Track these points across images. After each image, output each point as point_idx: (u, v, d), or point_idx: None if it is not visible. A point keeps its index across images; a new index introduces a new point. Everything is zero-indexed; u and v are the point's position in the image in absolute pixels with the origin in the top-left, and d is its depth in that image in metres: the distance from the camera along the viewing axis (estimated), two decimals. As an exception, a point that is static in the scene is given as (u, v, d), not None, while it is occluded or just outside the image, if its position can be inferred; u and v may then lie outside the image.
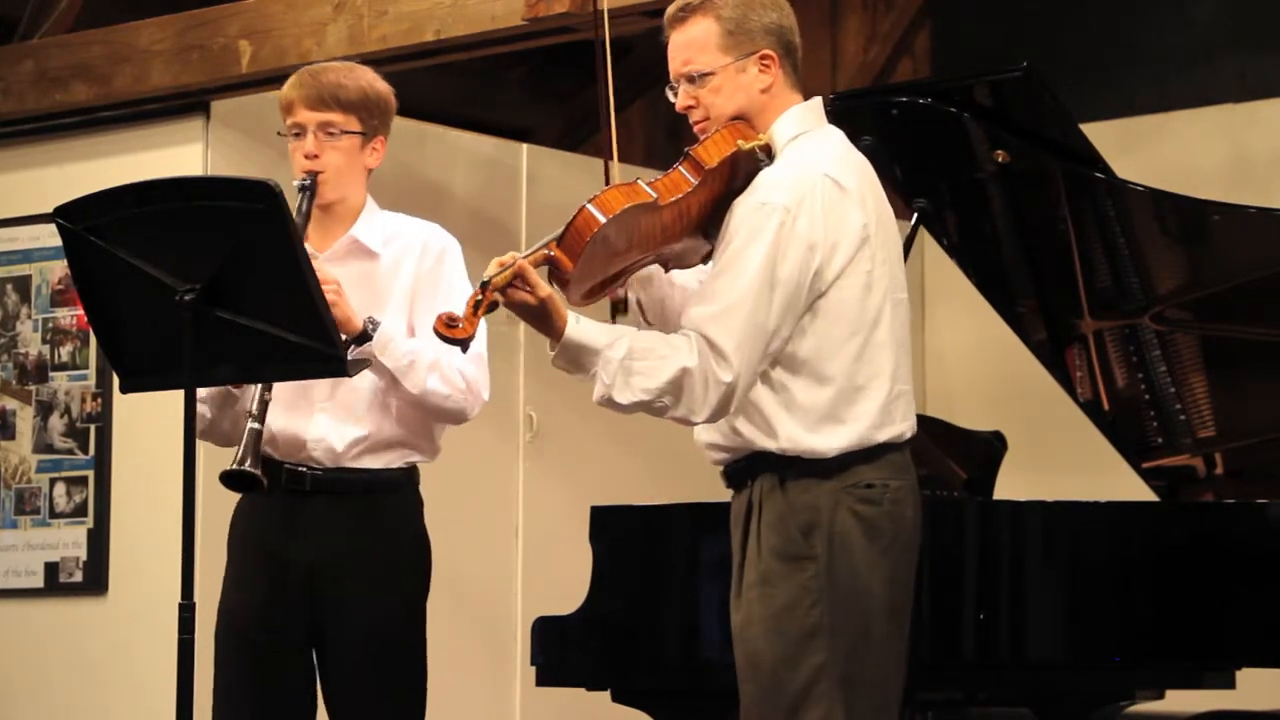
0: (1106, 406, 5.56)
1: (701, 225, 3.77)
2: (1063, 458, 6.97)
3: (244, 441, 4.07)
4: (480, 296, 3.57)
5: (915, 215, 5.39)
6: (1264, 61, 7.46)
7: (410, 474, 4.37)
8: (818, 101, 3.87)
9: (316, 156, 4.28)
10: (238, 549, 4.37)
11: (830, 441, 3.69)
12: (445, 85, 8.06)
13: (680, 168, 3.71)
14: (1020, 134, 5.16)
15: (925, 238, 5.85)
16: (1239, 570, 4.88)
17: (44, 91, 6.80)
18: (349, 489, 4.28)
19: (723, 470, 3.87)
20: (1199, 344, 5.36)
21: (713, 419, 3.68)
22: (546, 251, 3.61)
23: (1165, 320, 5.33)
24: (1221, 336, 5.36)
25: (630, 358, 3.61)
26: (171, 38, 6.53)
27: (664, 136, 8.52)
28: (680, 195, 3.68)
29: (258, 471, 4.07)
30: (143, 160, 6.44)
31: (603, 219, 3.59)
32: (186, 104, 6.53)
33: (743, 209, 3.70)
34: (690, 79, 3.77)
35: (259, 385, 4.11)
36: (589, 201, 3.61)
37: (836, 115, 4.07)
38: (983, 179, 5.30)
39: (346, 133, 4.31)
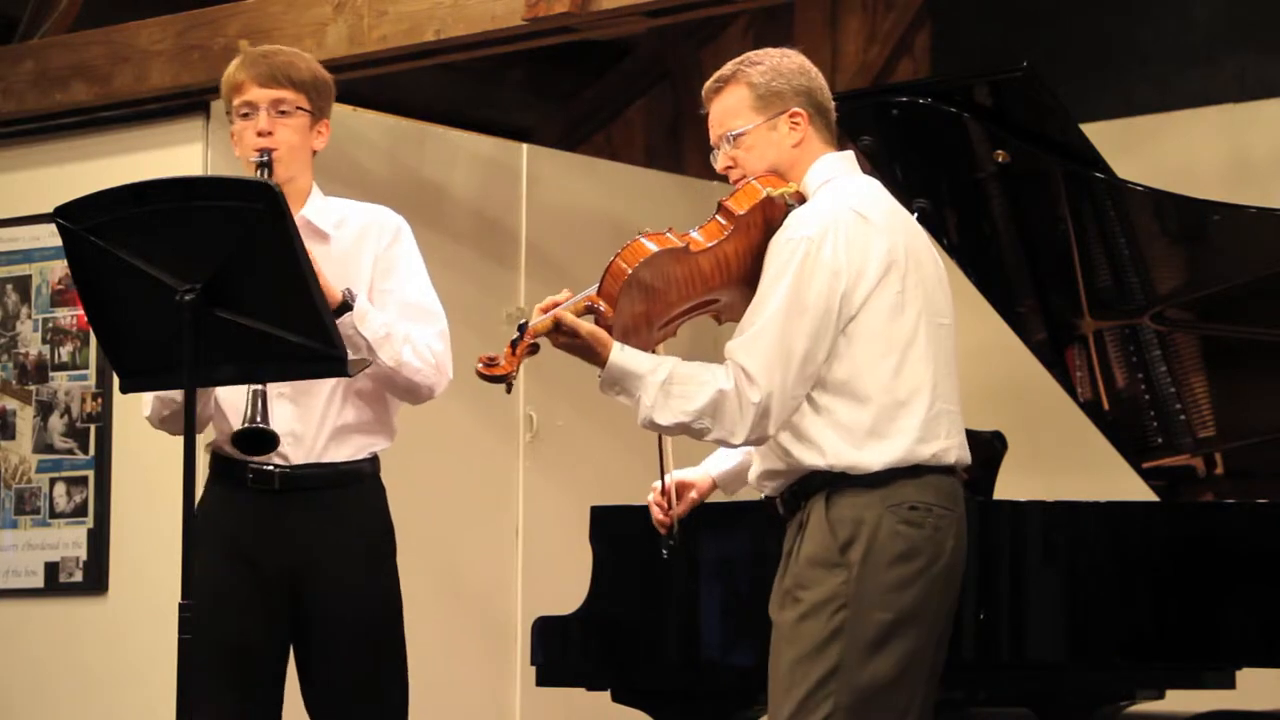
0: (1106, 406, 5.56)
1: (745, 277, 3.94)
2: (1063, 458, 6.96)
3: (249, 400, 4.07)
4: (518, 337, 3.80)
5: (915, 215, 5.39)
6: (1264, 61, 7.46)
7: (374, 463, 4.38)
8: (850, 154, 4.08)
9: (270, 133, 4.29)
10: (205, 549, 4.24)
11: (875, 456, 3.85)
12: (445, 85, 8.06)
13: (713, 218, 3.94)
14: (1020, 134, 5.16)
15: (925, 238, 5.84)
16: (1239, 570, 4.87)
17: (44, 91, 6.81)
18: (319, 484, 4.28)
19: (777, 500, 4.00)
20: (1199, 344, 5.36)
21: (751, 440, 3.87)
22: (588, 301, 3.84)
23: (1165, 320, 5.33)
24: (1221, 336, 5.36)
25: (671, 382, 3.83)
26: (171, 38, 6.54)
27: (664, 136, 8.52)
28: (715, 242, 3.90)
29: (270, 427, 4.07)
30: (143, 160, 6.44)
31: (630, 267, 3.82)
32: (186, 104, 6.53)
33: (774, 246, 3.90)
34: (728, 140, 4.00)
35: None
36: (618, 253, 3.84)
37: (837, 116, 4.09)
38: (983, 179, 5.30)
39: (300, 109, 4.32)
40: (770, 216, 3.93)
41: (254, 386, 4.08)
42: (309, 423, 4.27)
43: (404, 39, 6.13)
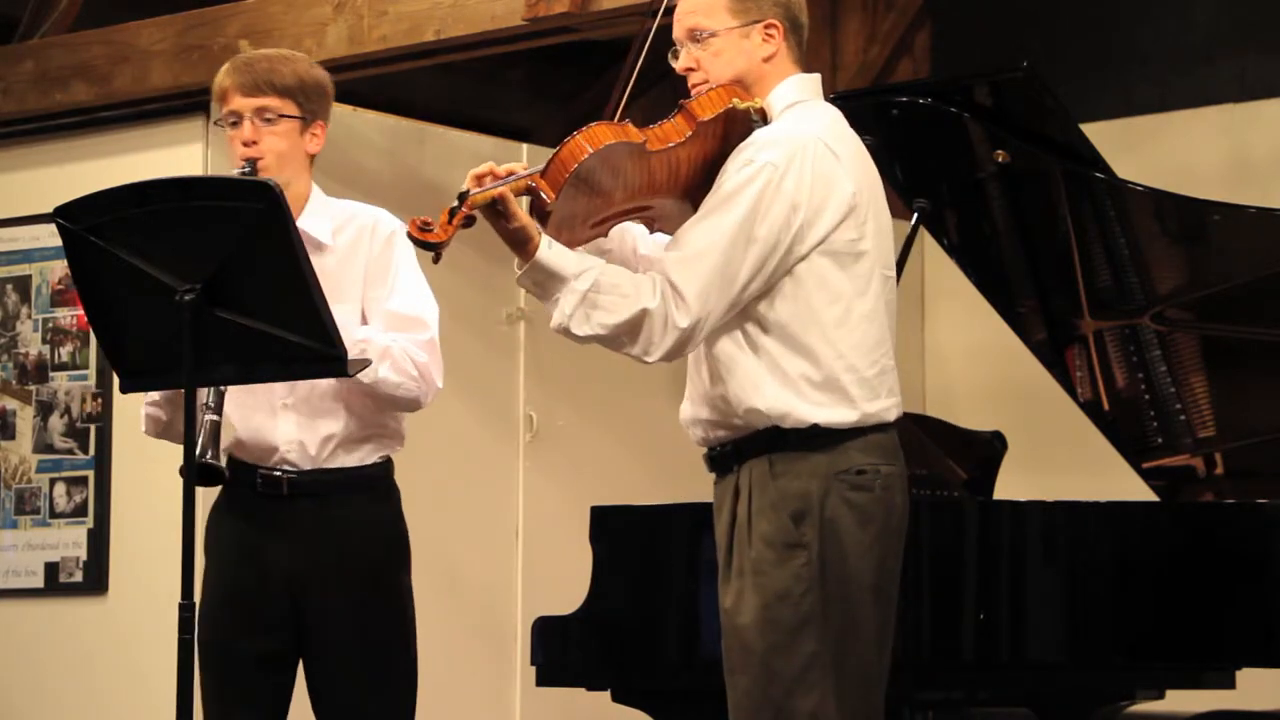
0: (1106, 406, 5.56)
1: (690, 187, 3.73)
2: (1063, 458, 6.97)
3: (202, 434, 3.98)
4: (456, 206, 3.57)
5: (915, 215, 5.39)
6: (1264, 61, 7.46)
7: (386, 467, 4.32)
8: (817, 77, 3.87)
9: (255, 143, 4.23)
10: (215, 555, 4.30)
11: (817, 411, 3.67)
12: (445, 85, 8.07)
13: (673, 119, 3.70)
14: (1020, 134, 5.16)
15: (925, 238, 5.85)
16: (1239, 570, 4.88)
17: (44, 91, 6.81)
18: (328, 490, 4.24)
19: (707, 453, 3.84)
20: (1199, 344, 5.36)
21: (667, 359, 3.67)
22: (529, 181, 3.61)
23: (1165, 320, 5.33)
24: (1221, 336, 5.36)
25: (595, 290, 3.61)
26: (171, 38, 6.54)
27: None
28: (671, 145, 3.66)
29: (219, 464, 4.02)
30: (143, 160, 6.44)
31: (588, 150, 3.56)
32: (186, 104, 6.52)
33: (733, 164, 3.69)
34: (695, 39, 3.79)
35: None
36: (576, 132, 3.60)
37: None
38: (983, 179, 5.30)
39: (284, 116, 4.25)
40: (730, 129, 3.70)
41: (210, 416, 4.02)
42: (313, 431, 4.24)
43: (404, 39, 6.13)
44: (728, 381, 3.72)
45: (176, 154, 6.47)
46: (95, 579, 6.52)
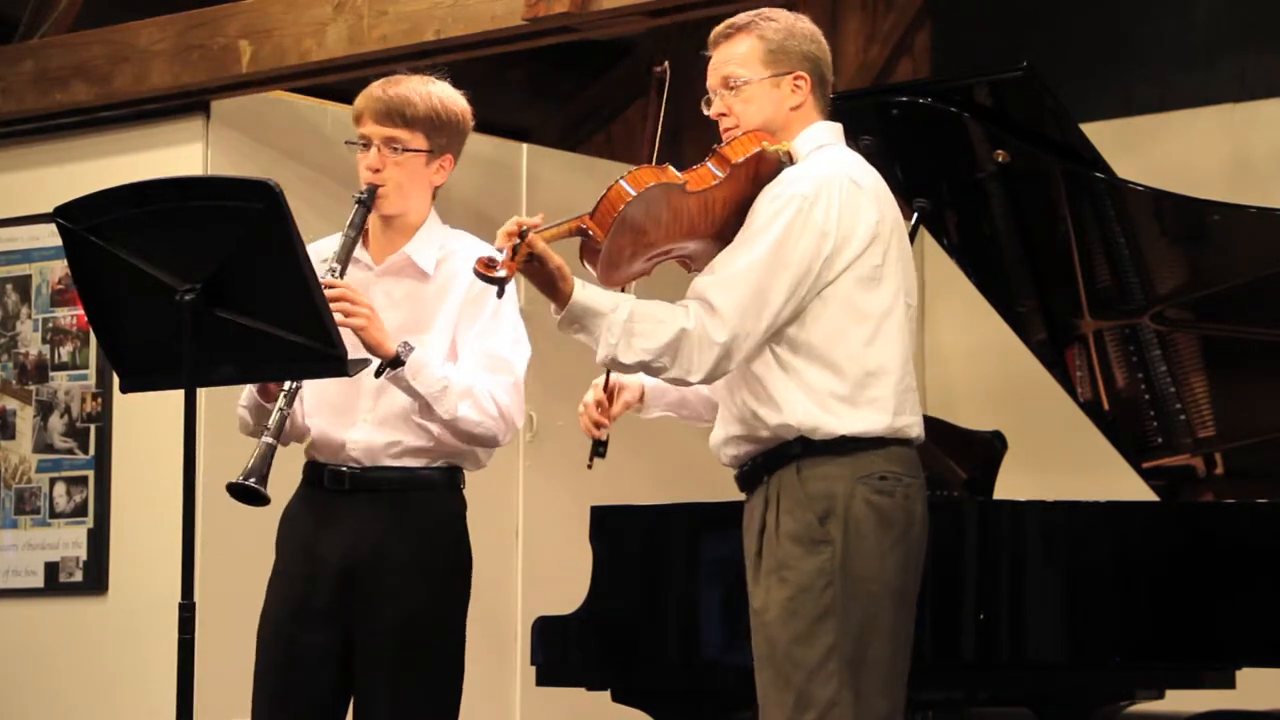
0: (1106, 406, 5.56)
1: (724, 227, 3.92)
2: (1063, 458, 6.97)
3: (255, 456, 4.05)
4: (518, 244, 3.72)
5: (915, 215, 5.39)
6: (1264, 61, 7.46)
7: (451, 474, 4.33)
8: (840, 126, 4.08)
9: (379, 170, 4.27)
10: (284, 550, 4.34)
11: (842, 421, 3.86)
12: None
13: (707, 163, 3.91)
14: (1020, 134, 5.16)
15: (925, 238, 5.84)
16: (1239, 570, 4.88)
17: (44, 91, 6.80)
18: (387, 485, 4.26)
19: (738, 473, 4.01)
20: (1199, 344, 5.36)
21: (708, 379, 3.86)
22: (580, 223, 3.80)
23: (1165, 320, 5.33)
24: (1222, 336, 5.36)
25: (632, 320, 3.80)
26: (171, 38, 6.53)
27: (664, 136, 8.52)
28: (706, 187, 3.88)
29: (262, 489, 4.03)
30: (143, 160, 6.44)
31: (633, 192, 3.78)
32: (186, 104, 6.53)
33: (764, 199, 3.90)
34: (729, 86, 4.01)
35: (280, 399, 4.09)
36: (621, 177, 3.80)
37: (837, 115, 4.10)
38: (983, 179, 5.30)
39: (410, 150, 4.29)
40: (761, 171, 3.92)
41: (266, 439, 4.05)
42: (384, 436, 4.26)
43: (404, 39, 6.12)
44: (759, 398, 3.90)
45: (176, 154, 6.47)
46: (95, 579, 6.52)
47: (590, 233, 3.79)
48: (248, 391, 4.28)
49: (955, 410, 7.06)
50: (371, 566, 4.22)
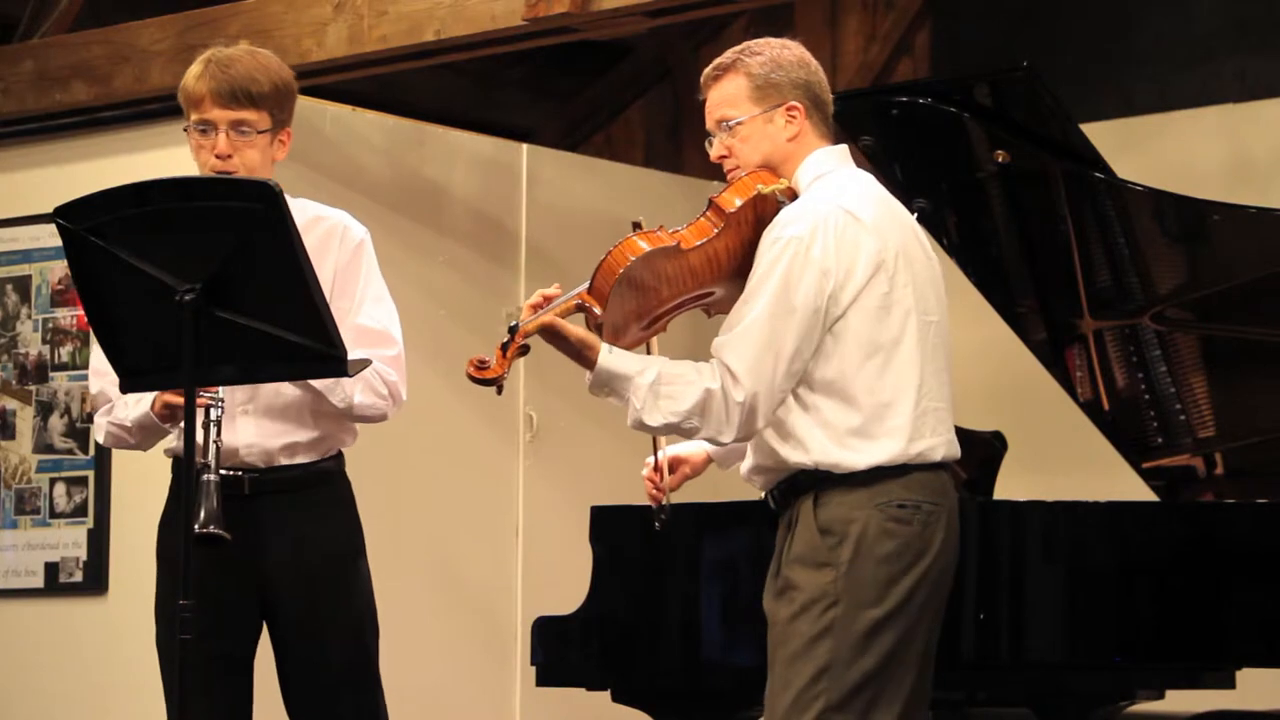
0: (1106, 406, 5.56)
1: (736, 271, 3.94)
2: (1063, 458, 6.96)
3: (202, 498, 3.95)
4: (508, 340, 3.80)
5: (915, 215, 5.39)
6: (1264, 61, 7.46)
7: (339, 460, 4.34)
8: (844, 147, 4.06)
9: (229, 156, 4.16)
10: (170, 557, 4.28)
11: (861, 456, 3.87)
12: (445, 85, 8.07)
13: (704, 215, 3.94)
14: (1020, 134, 5.16)
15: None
16: (1239, 570, 4.88)
17: (44, 91, 6.81)
18: (287, 487, 4.24)
19: (767, 496, 4.04)
20: (1199, 344, 5.36)
21: (741, 438, 3.89)
22: (578, 300, 3.84)
23: (1165, 320, 5.33)
24: (1221, 336, 5.36)
25: (659, 383, 3.84)
26: (171, 38, 6.54)
27: (664, 136, 8.53)
28: (705, 240, 3.90)
29: (223, 532, 3.96)
30: (143, 160, 6.44)
31: (625, 261, 3.82)
32: (187, 104, 6.52)
33: (763, 244, 3.91)
34: (724, 128, 4.00)
35: (209, 433, 4.02)
36: (612, 248, 3.84)
37: (837, 115, 4.10)
38: (983, 179, 5.30)
39: (260, 132, 4.18)
40: (762, 212, 3.93)
41: (208, 476, 3.97)
42: (273, 437, 4.24)
43: (404, 39, 6.13)
44: (781, 435, 3.93)
45: (176, 154, 6.42)
46: (95, 579, 6.52)
47: (590, 307, 3.84)
48: (123, 407, 4.22)
49: (955, 410, 7.06)
50: (288, 570, 4.22)
